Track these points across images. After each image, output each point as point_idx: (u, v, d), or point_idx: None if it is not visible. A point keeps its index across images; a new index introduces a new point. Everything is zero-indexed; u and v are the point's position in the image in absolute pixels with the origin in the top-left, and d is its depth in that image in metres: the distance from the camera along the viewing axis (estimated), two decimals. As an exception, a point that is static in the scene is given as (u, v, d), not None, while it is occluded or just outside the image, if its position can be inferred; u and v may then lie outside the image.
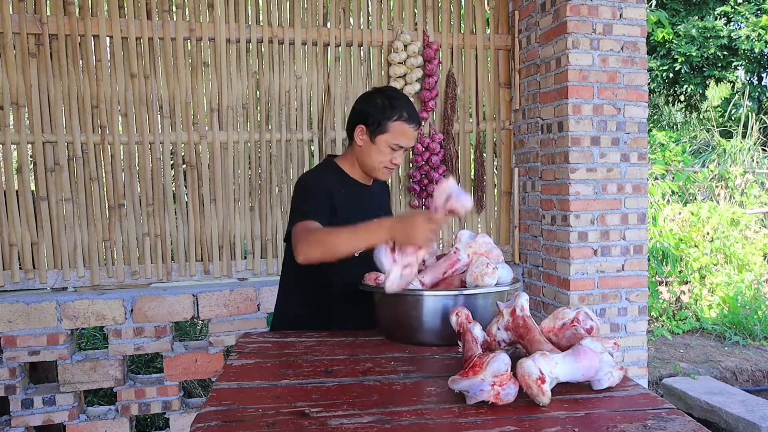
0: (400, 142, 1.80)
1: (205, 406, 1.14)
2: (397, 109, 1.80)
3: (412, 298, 1.54)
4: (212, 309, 2.82)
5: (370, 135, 1.81)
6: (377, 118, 1.79)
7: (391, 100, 1.82)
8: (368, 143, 1.82)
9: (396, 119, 1.79)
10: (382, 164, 1.83)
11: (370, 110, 1.81)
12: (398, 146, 1.81)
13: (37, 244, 2.75)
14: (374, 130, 1.80)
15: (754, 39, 9.12)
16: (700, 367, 4.21)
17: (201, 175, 2.92)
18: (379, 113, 1.79)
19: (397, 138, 1.80)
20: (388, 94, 1.85)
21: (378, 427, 1.04)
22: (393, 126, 1.79)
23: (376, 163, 1.83)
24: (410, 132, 1.81)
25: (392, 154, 1.82)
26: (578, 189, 2.80)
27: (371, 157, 1.83)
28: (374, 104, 1.81)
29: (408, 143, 1.83)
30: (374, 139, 1.80)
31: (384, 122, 1.79)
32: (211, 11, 2.89)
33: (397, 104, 1.81)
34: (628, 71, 2.85)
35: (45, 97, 2.73)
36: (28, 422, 2.66)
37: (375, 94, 1.86)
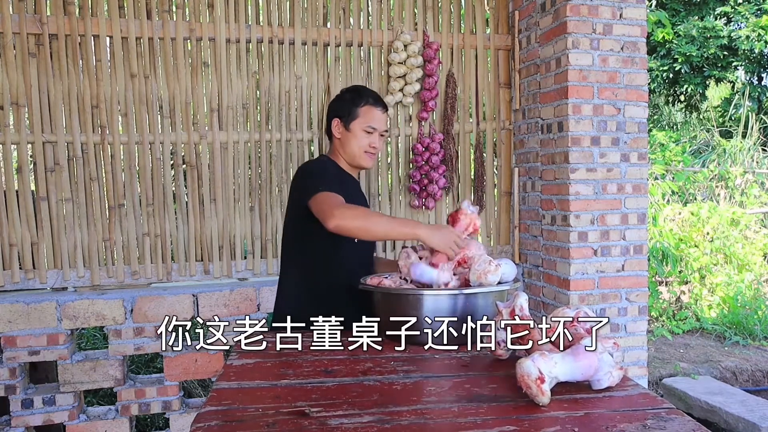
0: (372, 123, 2.00)
1: (205, 406, 1.14)
2: (363, 96, 2.02)
3: (412, 298, 1.54)
4: (212, 309, 2.82)
5: (345, 125, 2.01)
6: (347, 109, 2.02)
7: (356, 91, 2.07)
8: (345, 133, 2.02)
9: (363, 104, 2.01)
10: (362, 149, 2.01)
11: (340, 105, 2.05)
12: (371, 128, 2.00)
13: (37, 244, 2.75)
14: (347, 119, 2.01)
15: (754, 39, 9.12)
16: (700, 367, 4.21)
17: (201, 175, 2.92)
18: (348, 104, 2.02)
19: (368, 120, 2.00)
20: (352, 88, 2.12)
21: (378, 427, 1.04)
22: (362, 111, 2.00)
23: (356, 149, 2.01)
24: (378, 114, 2.02)
25: (369, 138, 2.01)
26: (578, 189, 2.80)
27: (350, 144, 2.01)
28: (342, 98, 2.06)
29: (379, 125, 2.02)
30: (349, 126, 2.01)
31: (354, 109, 2.01)
32: (211, 11, 2.89)
33: (362, 92, 2.05)
34: (628, 71, 2.84)
35: (45, 97, 2.73)
36: (28, 422, 2.66)
37: (342, 93, 2.11)
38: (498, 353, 1.40)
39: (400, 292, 1.58)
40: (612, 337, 1.33)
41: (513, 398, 1.18)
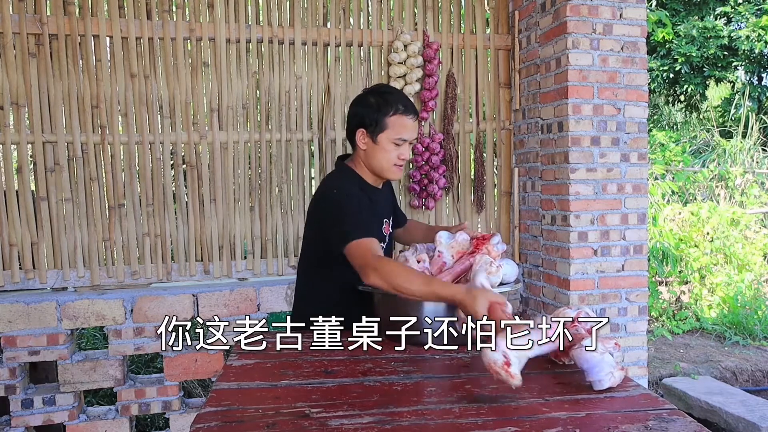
0: (403, 135, 1.79)
1: (205, 407, 1.14)
2: (392, 104, 1.78)
3: (413, 298, 1.54)
4: (212, 309, 2.82)
5: (372, 136, 1.80)
6: (374, 118, 1.78)
7: (383, 96, 1.81)
8: (371, 145, 1.81)
9: (393, 114, 1.78)
10: (390, 162, 1.81)
11: (365, 112, 1.80)
12: (401, 140, 1.80)
13: (37, 244, 2.75)
14: (374, 130, 1.79)
15: (754, 39, 9.11)
16: (700, 367, 4.21)
17: (201, 175, 2.92)
18: (374, 112, 1.78)
19: (399, 132, 1.78)
20: (380, 92, 1.84)
21: (378, 428, 1.04)
22: (391, 121, 1.78)
23: (384, 162, 1.81)
24: (410, 123, 1.80)
25: (398, 150, 1.80)
26: (578, 189, 2.80)
27: (377, 157, 1.81)
28: (368, 104, 1.80)
29: (410, 135, 1.81)
30: (376, 139, 1.79)
31: (381, 120, 1.78)
32: (211, 11, 2.89)
33: (390, 99, 1.80)
34: (628, 71, 2.84)
35: (45, 97, 2.73)
36: (28, 422, 2.66)
37: (367, 95, 1.85)
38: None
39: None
40: (613, 338, 1.32)
41: (514, 399, 1.18)
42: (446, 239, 1.70)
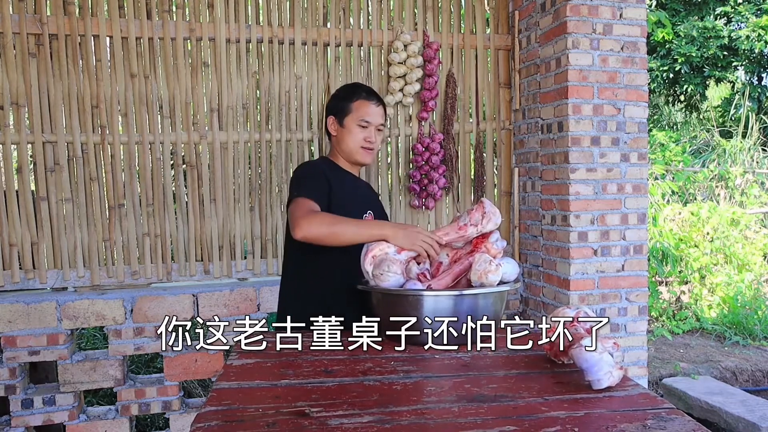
0: (366, 117, 1.97)
1: (205, 406, 1.14)
2: (356, 91, 2.01)
3: (412, 299, 1.54)
4: (212, 309, 2.82)
5: (339, 121, 2.00)
6: (340, 105, 2.01)
7: (348, 87, 2.07)
8: (339, 130, 2.01)
9: (356, 99, 1.99)
10: (357, 144, 1.98)
11: (334, 102, 2.05)
12: (365, 122, 1.98)
13: (37, 244, 2.75)
14: (341, 115, 2.00)
15: (754, 39, 9.12)
16: (700, 367, 4.22)
17: (201, 175, 2.92)
18: (340, 100, 2.02)
19: (362, 114, 1.97)
20: (346, 85, 2.13)
21: (378, 427, 1.04)
22: (355, 105, 1.98)
23: (351, 144, 1.99)
24: (372, 107, 1.99)
25: (364, 132, 1.98)
26: (578, 189, 2.80)
27: (346, 140, 1.99)
28: (336, 96, 2.06)
29: (374, 119, 1.99)
30: (343, 122, 1.99)
31: (346, 105, 1.99)
32: (211, 11, 2.89)
33: (354, 88, 2.04)
34: (628, 71, 2.85)
35: (45, 97, 2.73)
36: (28, 422, 2.66)
37: (336, 91, 2.10)
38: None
39: (400, 292, 1.58)
40: (612, 337, 1.33)
41: (513, 398, 1.18)
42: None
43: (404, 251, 1.65)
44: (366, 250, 1.66)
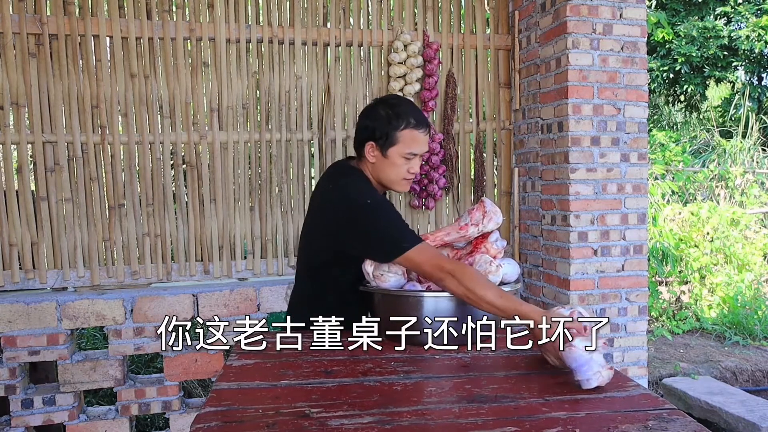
0: (413, 150, 1.73)
1: (205, 407, 1.14)
2: (403, 117, 1.72)
3: (412, 299, 1.54)
4: (212, 309, 2.82)
5: (381, 150, 1.73)
6: (384, 131, 1.72)
7: (394, 108, 1.74)
8: (381, 158, 1.75)
9: (404, 128, 1.71)
10: (399, 176, 1.76)
11: (375, 124, 1.74)
12: (412, 154, 1.74)
13: (37, 244, 2.75)
14: (384, 144, 1.73)
15: (754, 39, 9.11)
16: (700, 367, 4.21)
17: (201, 175, 2.92)
18: (385, 125, 1.72)
19: (409, 146, 1.72)
20: (390, 103, 1.77)
21: (378, 428, 1.04)
22: (402, 135, 1.71)
23: (393, 176, 1.76)
24: (421, 137, 1.74)
25: (408, 164, 1.75)
26: (578, 189, 2.80)
27: (386, 171, 1.76)
28: (378, 117, 1.74)
29: (421, 149, 1.75)
30: (386, 153, 1.73)
31: (392, 134, 1.71)
32: (211, 11, 2.89)
33: (401, 112, 1.73)
34: (628, 71, 2.84)
35: (45, 97, 2.73)
36: (28, 422, 2.66)
37: (377, 106, 1.78)
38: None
39: (400, 293, 1.58)
40: (601, 337, 1.30)
41: (514, 399, 1.18)
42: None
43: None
44: None
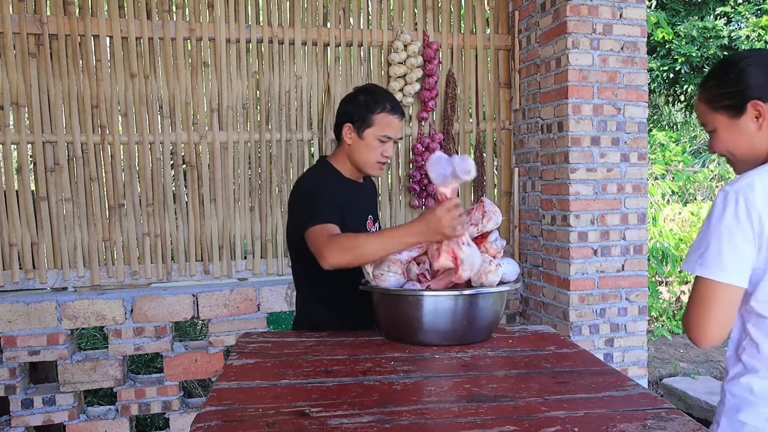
0: (387, 133, 1.85)
1: (205, 406, 1.14)
2: (380, 102, 1.85)
3: (413, 299, 1.54)
4: (212, 309, 2.82)
5: (358, 131, 1.86)
6: (362, 114, 1.85)
7: (372, 95, 1.88)
8: (357, 140, 1.87)
9: (380, 111, 1.84)
10: (373, 159, 1.87)
11: (354, 109, 1.87)
12: (386, 137, 1.85)
13: (37, 244, 2.75)
14: (360, 125, 1.85)
15: (754, 39, 9.11)
16: (700, 367, 4.22)
17: (201, 175, 2.92)
18: (362, 109, 1.85)
19: (384, 129, 1.84)
20: (369, 90, 1.92)
21: (378, 427, 1.04)
22: (378, 118, 1.84)
23: (367, 158, 1.87)
24: (395, 122, 1.86)
25: (382, 147, 1.86)
26: (578, 189, 2.80)
27: (362, 153, 1.87)
28: (357, 102, 1.87)
29: (395, 134, 1.87)
30: (362, 134, 1.85)
31: (369, 116, 1.84)
32: (211, 11, 2.89)
33: (378, 98, 1.87)
34: (628, 71, 2.84)
35: (45, 97, 2.73)
36: (28, 422, 2.66)
37: (357, 93, 1.92)
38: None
39: (400, 293, 1.58)
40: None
41: (513, 398, 1.18)
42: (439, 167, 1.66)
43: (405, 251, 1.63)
44: None
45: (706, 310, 1.23)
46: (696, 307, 1.24)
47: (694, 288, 1.25)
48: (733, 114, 1.30)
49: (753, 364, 1.28)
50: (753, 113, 1.27)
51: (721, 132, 1.33)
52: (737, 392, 1.31)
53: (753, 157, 1.30)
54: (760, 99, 1.26)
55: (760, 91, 1.26)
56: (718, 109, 1.32)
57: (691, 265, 1.25)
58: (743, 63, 1.29)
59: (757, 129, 1.28)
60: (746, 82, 1.27)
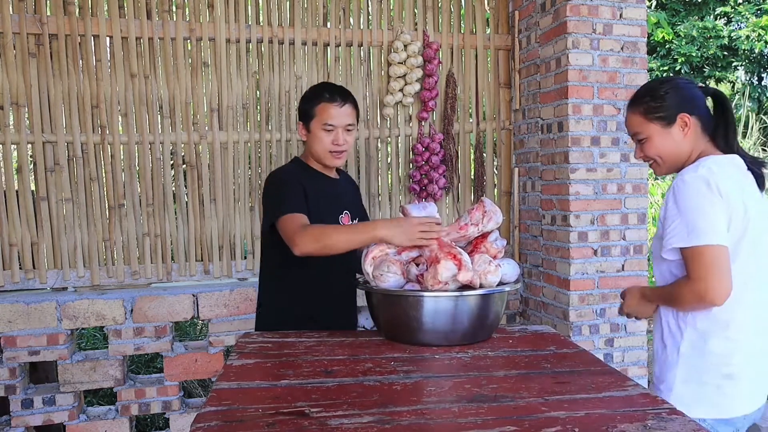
0: (328, 121, 1.89)
1: (205, 406, 1.14)
2: (318, 94, 1.93)
3: (412, 299, 1.54)
4: (212, 309, 2.82)
5: (306, 127, 1.95)
6: (305, 109, 1.94)
7: (314, 89, 1.97)
8: (307, 135, 1.96)
9: (318, 103, 1.91)
10: (325, 148, 1.92)
11: (301, 106, 1.97)
12: (329, 125, 1.90)
13: (37, 244, 2.75)
14: (306, 120, 1.94)
15: (754, 39, 9.12)
16: (700, 367, 4.20)
17: (201, 175, 2.92)
18: (305, 105, 1.95)
19: (325, 118, 1.90)
20: (313, 87, 2.01)
21: (378, 427, 1.04)
22: (317, 110, 1.91)
23: (319, 149, 1.93)
24: (335, 109, 1.90)
25: (329, 136, 1.91)
26: (578, 189, 2.80)
27: (314, 145, 1.94)
28: (303, 99, 1.98)
29: (337, 121, 1.90)
30: (309, 128, 1.94)
31: (310, 110, 1.92)
32: (211, 11, 2.89)
33: (318, 90, 1.95)
34: (628, 71, 2.84)
35: (45, 97, 2.73)
36: (28, 422, 2.66)
37: (305, 93, 2.00)
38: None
39: (400, 293, 1.58)
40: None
41: (513, 398, 1.18)
42: (416, 212, 1.68)
43: (405, 251, 1.64)
44: (366, 251, 1.66)
45: (718, 271, 1.42)
46: (703, 271, 1.42)
47: (694, 260, 1.44)
48: (666, 124, 1.58)
49: (706, 327, 1.50)
50: (681, 123, 1.57)
51: (654, 139, 1.60)
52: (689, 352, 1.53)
53: (677, 160, 1.60)
54: (686, 112, 1.57)
55: (685, 106, 1.57)
56: (653, 120, 1.59)
57: (684, 240, 1.46)
58: (673, 82, 1.61)
59: (683, 137, 1.57)
60: (677, 98, 1.58)
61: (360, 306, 2.95)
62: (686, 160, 1.59)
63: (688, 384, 1.51)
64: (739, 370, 1.50)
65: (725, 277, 1.42)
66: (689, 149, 1.58)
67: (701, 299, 1.45)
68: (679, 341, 1.55)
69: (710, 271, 1.41)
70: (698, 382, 1.50)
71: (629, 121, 1.64)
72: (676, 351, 1.55)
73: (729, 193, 1.46)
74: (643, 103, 1.60)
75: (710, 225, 1.43)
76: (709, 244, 1.42)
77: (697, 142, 1.58)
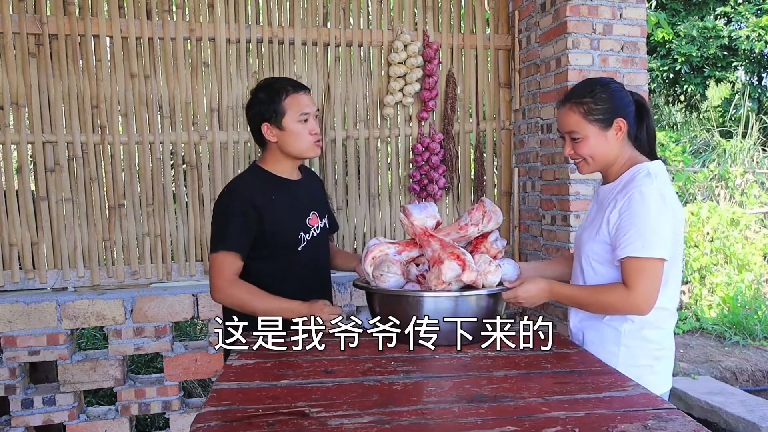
0: (303, 110, 1.87)
1: (205, 406, 1.14)
2: (281, 89, 1.88)
3: (412, 299, 1.54)
4: (212, 309, 2.82)
5: (277, 126, 1.87)
6: (271, 109, 1.87)
7: (269, 87, 1.90)
8: (280, 133, 1.88)
9: (285, 96, 1.87)
10: (307, 140, 1.89)
11: (261, 108, 1.89)
12: (304, 114, 1.87)
13: (37, 244, 2.75)
14: (275, 119, 1.87)
15: (754, 39, 9.11)
16: (700, 367, 4.21)
17: (201, 175, 2.92)
18: (269, 104, 1.87)
19: (298, 109, 1.87)
20: (264, 86, 1.93)
21: (378, 427, 1.04)
22: (287, 103, 1.86)
23: (299, 143, 1.89)
24: (304, 98, 1.89)
25: (306, 126, 1.88)
26: (578, 189, 2.80)
27: (292, 142, 1.89)
28: (260, 101, 1.89)
29: (309, 108, 1.90)
30: (282, 125, 1.87)
31: (278, 107, 1.86)
32: (211, 11, 2.89)
33: (277, 86, 1.90)
34: (628, 71, 2.84)
35: (45, 97, 2.73)
36: (28, 422, 2.66)
37: (255, 95, 1.92)
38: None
39: (400, 293, 1.58)
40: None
41: (513, 398, 1.18)
42: (417, 212, 1.67)
43: (404, 251, 1.65)
44: (366, 251, 1.66)
45: (657, 285, 1.52)
46: (646, 284, 1.50)
47: (639, 270, 1.50)
48: (603, 127, 1.62)
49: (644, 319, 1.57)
50: (616, 127, 1.61)
51: (590, 140, 1.63)
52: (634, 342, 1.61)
53: (606, 162, 1.66)
54: (622, 117, 1.62)
55: (621, 110, 1.62)
56: (592, 122, 1.62)
57: (638, 251, 1.51)
58: (612, 87, 1.65)
59: (616, 140, 1.63)
60: (615, 102, 1.62)
61: (360, 306, 2.96)
62: (613, 163, 1.65)
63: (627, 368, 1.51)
64: (665, 353, 1.66)
65: (658, 290, 1.52)
66: (618, 153, 1.64)
67: (634, 309, 1.54)
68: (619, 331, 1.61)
69: (651, 284, 1.51)
70: (635, 365, 1.57)
71: (567, 118, 1.65)
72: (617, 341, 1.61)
73: (674, 204, 1.57)
74: (585, 103, 1.62)
75: (661, 239, 1.51)
76: (657, 258, 1.50)
77: (624, 146, 1.64)
